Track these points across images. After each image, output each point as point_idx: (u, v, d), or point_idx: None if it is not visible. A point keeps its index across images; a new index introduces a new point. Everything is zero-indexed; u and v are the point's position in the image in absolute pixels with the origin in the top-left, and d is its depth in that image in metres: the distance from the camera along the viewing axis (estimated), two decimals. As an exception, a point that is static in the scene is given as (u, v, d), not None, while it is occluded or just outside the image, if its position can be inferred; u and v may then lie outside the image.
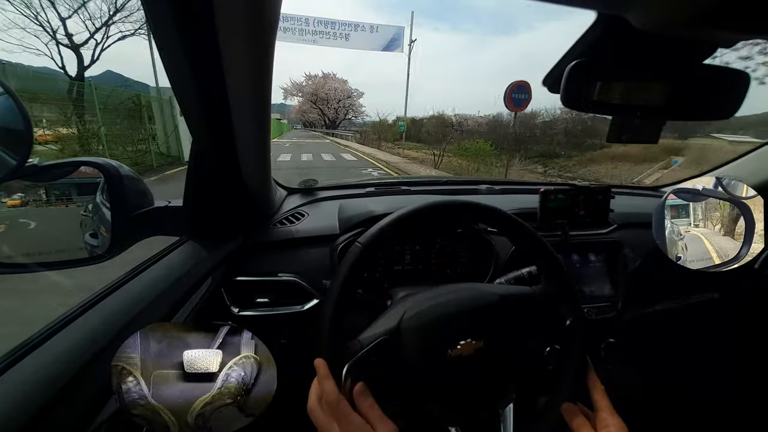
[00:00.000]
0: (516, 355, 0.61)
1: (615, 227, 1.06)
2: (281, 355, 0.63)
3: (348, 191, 1.23)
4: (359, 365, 0.53)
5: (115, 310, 0.53)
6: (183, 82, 0.54)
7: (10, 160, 0.47)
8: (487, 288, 0.63)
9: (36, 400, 0.38)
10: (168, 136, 10.66)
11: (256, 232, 0.92)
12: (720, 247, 1.01)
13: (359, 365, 0.53)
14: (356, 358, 0.53)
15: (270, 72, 0.55)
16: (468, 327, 0.57)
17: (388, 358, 0.55)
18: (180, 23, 0.45)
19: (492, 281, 0.84)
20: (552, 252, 0.64)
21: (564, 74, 0.33)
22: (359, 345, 0.54)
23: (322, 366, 0.51)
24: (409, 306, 0.59)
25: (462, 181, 1.59)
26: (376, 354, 0.54)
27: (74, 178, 0.64)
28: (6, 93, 0.45)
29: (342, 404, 0.47)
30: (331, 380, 0.49)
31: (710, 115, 0.38)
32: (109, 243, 0.63)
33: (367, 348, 0.54)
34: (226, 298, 0.84)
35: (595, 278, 1.03)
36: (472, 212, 0.66)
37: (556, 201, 0.97)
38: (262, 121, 0.65)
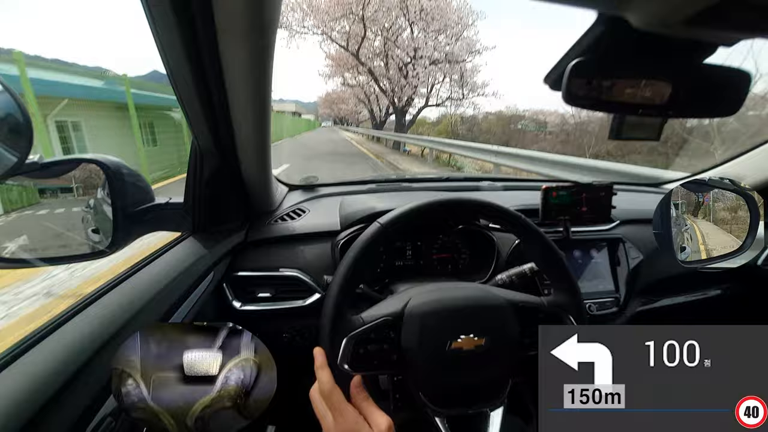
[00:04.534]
0: (515, 359, 0.62)
1: (617, 223, 1.05)
2: (283, 349, 0.64)
3: (349, 188, 1.23)
4: (358, 340, 0.55)
5: (116, 306, 0.54)
6: (183, 79, 0.54)
7: (11, 157, 0.48)
8: (497, 291, 0.64)
9: (36, 397, 0.39)
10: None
11: (257, 228, 0.92)
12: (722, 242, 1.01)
13: (358, 340, 0.55)
14: (356, 332, 0.55)
15: (270, 70, 0.55)
16: (471, 323, 0.57)
17: (387, 338, 0.57)
18: (180, 21, 0.45)
19: (493, 277, 0.84)
20: (566, 265, 0.65)
21: (565, 72, 0.33)
22: (361, 321, 0.56)
23: (320, 355, 0.52)
24: (415, 293, 0.60)
25: (463, 178, 1.59)
26: (376, 332, 0.56)
27: (75, 175, 0.65)
28: (6, 91, 0.45)
29: (336, 395, 0.48)
30: (327, 370, 0.50)
31: (712, 113, 0.37)
32: (110, 239, 0.64)
33: (368, 324, 0.56)
34: (228, 293, 0.84)
35: (596, 274, 1.02)
36: (494, 214, 0.67)
37: (558, 198, 0.96)
38: (262, 117, 0.65)
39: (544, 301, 0.64)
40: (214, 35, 0.46)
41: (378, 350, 0.58)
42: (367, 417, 0.48)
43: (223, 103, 0.59)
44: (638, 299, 1.03)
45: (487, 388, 0.62)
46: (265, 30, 0.47)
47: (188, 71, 0.52)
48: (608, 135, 0.43)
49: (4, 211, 0.61)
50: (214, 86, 0.55)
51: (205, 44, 0.47)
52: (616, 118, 0.41)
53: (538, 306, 0.63)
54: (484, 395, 0.62)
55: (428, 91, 18.49)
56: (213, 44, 0.47)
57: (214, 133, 0.66)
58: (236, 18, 0.44)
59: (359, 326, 0.56)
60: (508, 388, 0.63)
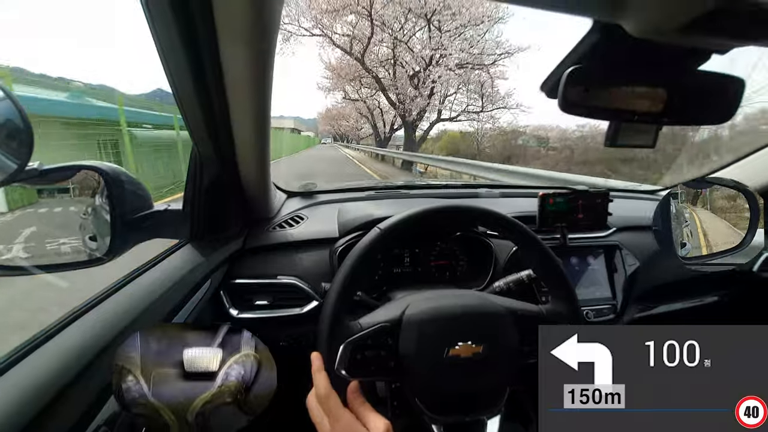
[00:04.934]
0: (513, 367, 0.62)
1: (614, 230, 1.06)
2: (281, 357, 0.63)
3: (347, 195, 1.23)
4: (355, 346, 0.55)
5: (113, 313, 0.53)
6: (183, 86, 0.55)
7: (11, 163, 0.48)
8: (495, 299, 0.64)
9: (36, 401, 0.38)
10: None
11: (255, 235, 0.92)
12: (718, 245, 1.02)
13: (355, 346, 0.55)
14: (353, 338, 0.55)
15: (270, 75, 0.55)
16: (469, 330, 0.57)
17: (385, 345, 0.57)
18: (180, 27, 0.45)
19: (491, 284, 0.84)
20: (564, 273, 0.66)
21: (561, 80, 0.33)
22: (359, 327, 0.56)
23: (317, 359, 0.52)
24: (413, 300, 0.60)
25: (461, 185, 1.59)
26: (374, 338, 0.56)
27: (74, 182, 0.65)
28: (7, 98, 0.45)
29: (332, 399, 0.48)
30: (323, 375, 0.50)
31: (707, 119, 0.38)
32: (108, 246, 0.63)
33: (366, 330, 0.56)
34: (225, 301, 0.84)
35: (593, 281, 1.03)
36: (492, 221, 0.67)
37: (555, 205, 0.97)
38: (261, 125, 0.65)
39: (542, 310, 0.65)
40: (214, 39, 0.46)
41: (375, 356, 0.57)
42: (364, 421, 0.47)
43: (223, 109, 0.59)
44: (635, 306, 1.03)
45: (485, 396, 0.62)
46: (265, 34, 0.47)
47: (188, 76, 0.52)
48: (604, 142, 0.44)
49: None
50: (215, 92, 0.55)
51: (206, 49, 0.48)
52: (612, 125, 0.41)
53: (537, 315, 0.64)
54: (481, 403, 0.62)
55: (440, 103, 15.86)
56: (213, 49, 0.47)
57: (214, 139, 0.66)
58: (236, 22, 0.44)
59: (357, 332, 0.56)
60: (506, 396, 0.63)
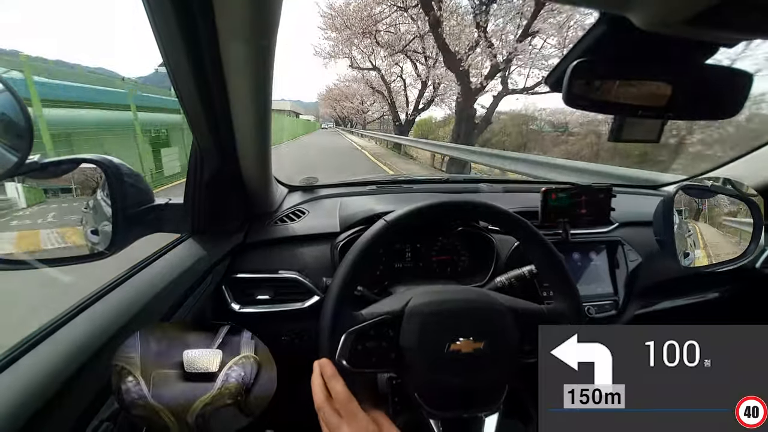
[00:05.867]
0: (513, 365, 0.62)
1: (617, 226, 1.05)
2: (282, 351, 0.64)
3: (349, 189, 1.23)
4: (357, 336, 0.56)
5: (115, 307, 0.54)
6: (184, 80, 0.54)
7: (12, 156, 0.48)
8: (498, 296, 0.64)
9: (39, 395, 0.38)
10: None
11: (256, 230, 0.92)
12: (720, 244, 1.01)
13: (357, 336, 0.56)
14: (355, 328, 0.55)
15: (271, 70, 0.55)
16: (471, 326, 0.57)
17: (386, 337, 0.58)
18: (181, 22, 0.45)
19: (493, 279, 0.84)
20: (566, 269, 0.66)
21: (566, 73, 0.33)
22: (361, 317, 0.57)
23: (328, 366, 0.52)
24: (416, 294, 0.61)
25: (463, 179, 1.59)
26: (375, 329, 0.57)
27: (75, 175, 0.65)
28: (7, 90, 0.45)
29: (352, 404, 0.48)
30: (340, 380, 0.50)
31: (712, 114, 0.38)
32: (109, 240, 0.63)
33: (368, 321, 0.56)
34: (227, 295, 0.84)
35: (595, 276, 1.03)
36: (494, 216, 0.68)
37: (558, 200, 0.97)
38: (262, 118, 0.65)
39: (544, 309, 0.65)
40: (215, 35, 0.46)
41: (376, 347, 0.58)
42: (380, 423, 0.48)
43: (223, 104, 0.59)
44: (637, 302, 1.03)
45: (484, 393, 0.62)
46: (266, 31, 0.47)
47: (189, 71, 0.52)
48: (608, 137, 0.43)
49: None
50: (215, 86, 0.55)
51: (206, 43, 0.47)
52: (616, 119, 0.41)
53: (538, 314, 0.64)
54: (480, 400, 0.62)
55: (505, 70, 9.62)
56: (214, 44, 0.47)
57: (214, 133, 0.65)
58: (237, 19, 0.44)
59: (359, 322, 0.56)
60: (505, 394, 0.63)
